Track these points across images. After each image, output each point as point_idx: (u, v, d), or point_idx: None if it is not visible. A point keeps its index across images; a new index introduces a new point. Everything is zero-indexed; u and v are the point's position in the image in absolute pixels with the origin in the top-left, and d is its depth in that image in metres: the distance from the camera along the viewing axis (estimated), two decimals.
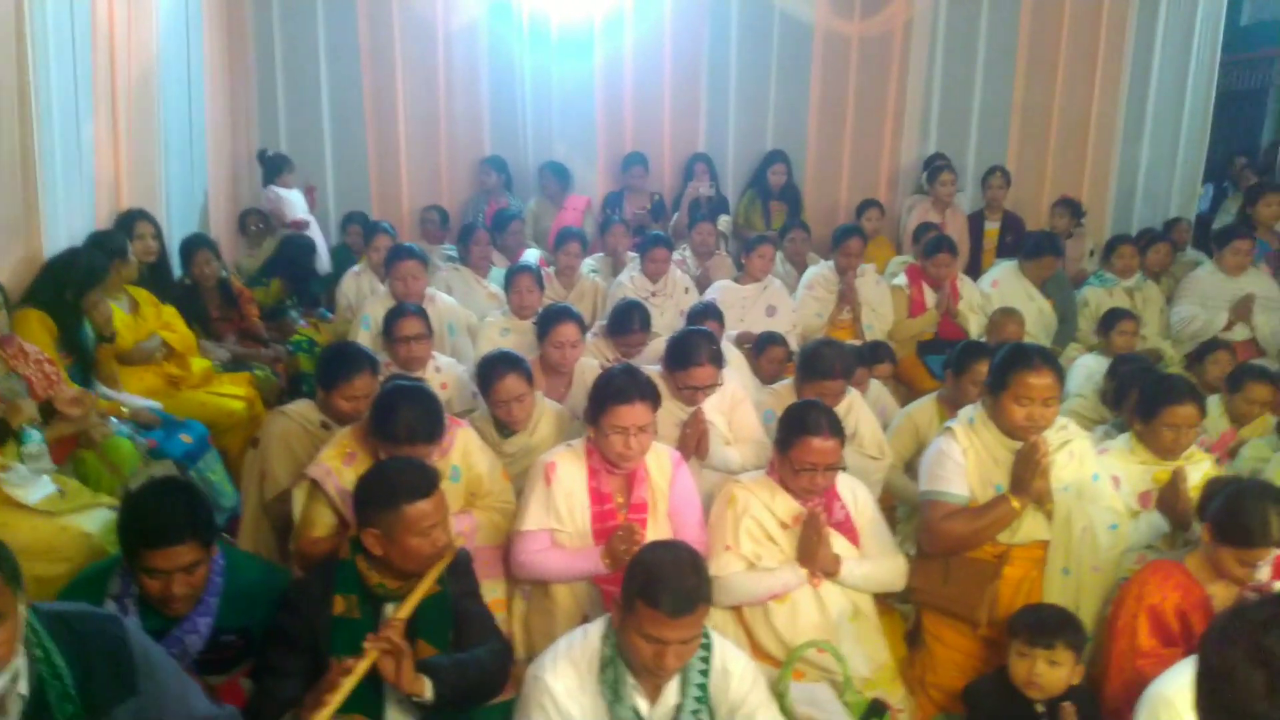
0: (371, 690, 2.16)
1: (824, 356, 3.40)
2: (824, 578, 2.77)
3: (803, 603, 2.77)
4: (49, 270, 3.80)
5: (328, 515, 2.78)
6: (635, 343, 4.12)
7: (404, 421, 2.66)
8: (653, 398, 2.75)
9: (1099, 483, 2.89)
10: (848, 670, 2.59)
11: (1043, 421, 2.72)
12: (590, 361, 3.96)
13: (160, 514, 2.13)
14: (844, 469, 2.78)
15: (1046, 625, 2.48)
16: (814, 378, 3.38)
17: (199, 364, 4.43)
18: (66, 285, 3.73)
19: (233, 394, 4.37)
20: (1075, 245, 6.45)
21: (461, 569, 2.47)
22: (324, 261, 6.09)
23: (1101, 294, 5.40)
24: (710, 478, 3.12)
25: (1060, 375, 2.80)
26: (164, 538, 2.12)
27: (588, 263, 5.60)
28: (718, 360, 3.25)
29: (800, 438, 2.69)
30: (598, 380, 2.79)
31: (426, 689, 2.16)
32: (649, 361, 3.63)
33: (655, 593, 1.89)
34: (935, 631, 2.97)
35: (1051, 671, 2.43)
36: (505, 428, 3.24)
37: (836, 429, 2.72)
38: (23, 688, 1.67)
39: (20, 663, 1.65)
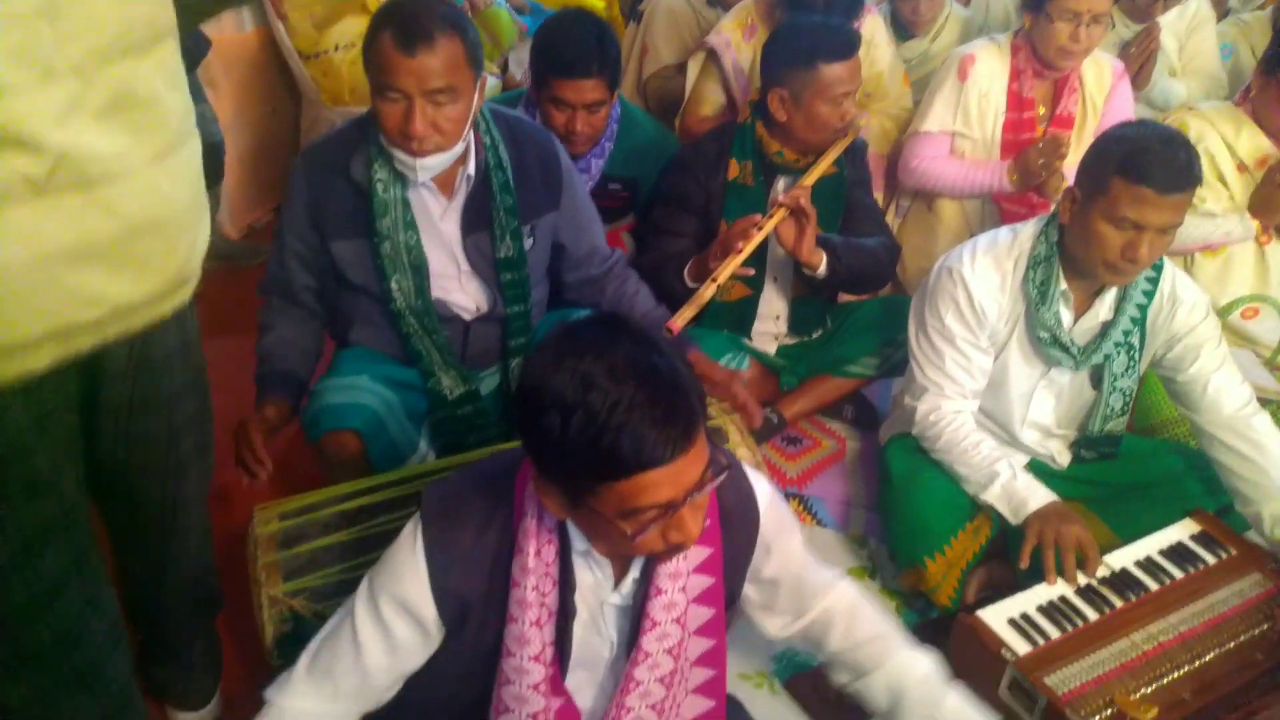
0: (754, 262, 2.09)
1: None
2: (1277, 235, 2.32)
3: (1239, 259, 2.37)
4: None
5: (718, 93, 2.64)
6: None
7: None
8: None
9: None
10: None
11: None
12: None
13: (575, 44, 2.05)
14: None
15: None
16: None
17: None
18: None
19: None
20: None
21: (858, 156, 2.28)
22: None
23: None
24: (1141, 113, 2.63)
25: None
26: (574, 69, 2.05)
27: None
28: None
29: None
30: None
31: (822, 261, 2.06)
32: None
33: (1143, 165, 1.58)
34: None
35: None
36: (904, 29, 2.86)
37: None
38: (470, 169, 1.70)
39: (472, 144, 1.68)
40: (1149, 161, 1.58)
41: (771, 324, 2.31)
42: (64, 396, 1.09)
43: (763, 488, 1.27)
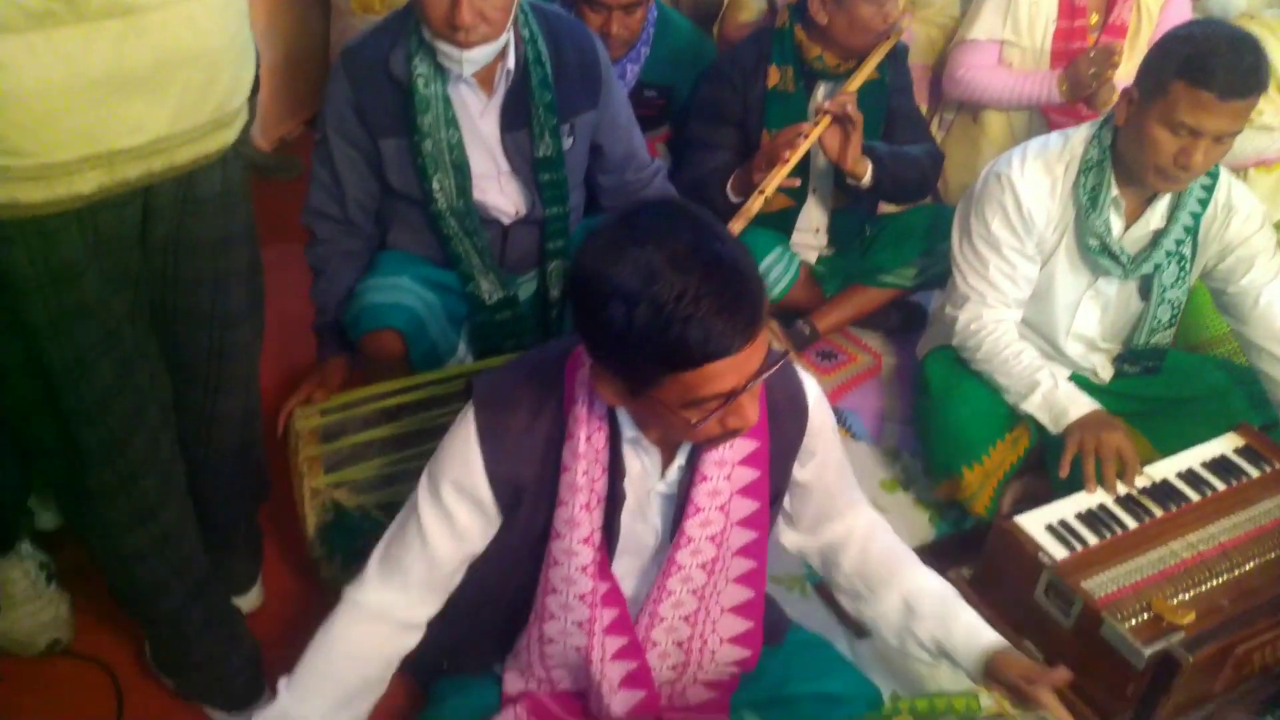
0: (795, 173, 2.04)
1: None
2: None
3: None
4: None
5: None
6: None
7: None
8: None
9: None
10: None
11: None
12: None
13: None
14: None
15: None
16: None
17: None
18: None
19: None
20: None
21: (899, 61, 2.21)
22: None
23: None
24: None
25: None
26: None
27: None
28: None
29: None
30: None
31: (868, 170, 2.02)
32: None
33: (1206, 67, 1.51)
34: None
35: None
36: None
37: None
38: (510, 63, 1.67)
39: (511, 39, 1.64)
40: (1213, 64, 1.52)
41: (811, 236, 2.28)
42: (123, 229, 1.13)
43: (811, 386, 1.26)
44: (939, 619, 1.30)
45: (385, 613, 1.17)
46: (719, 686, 1.35)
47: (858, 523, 1.38)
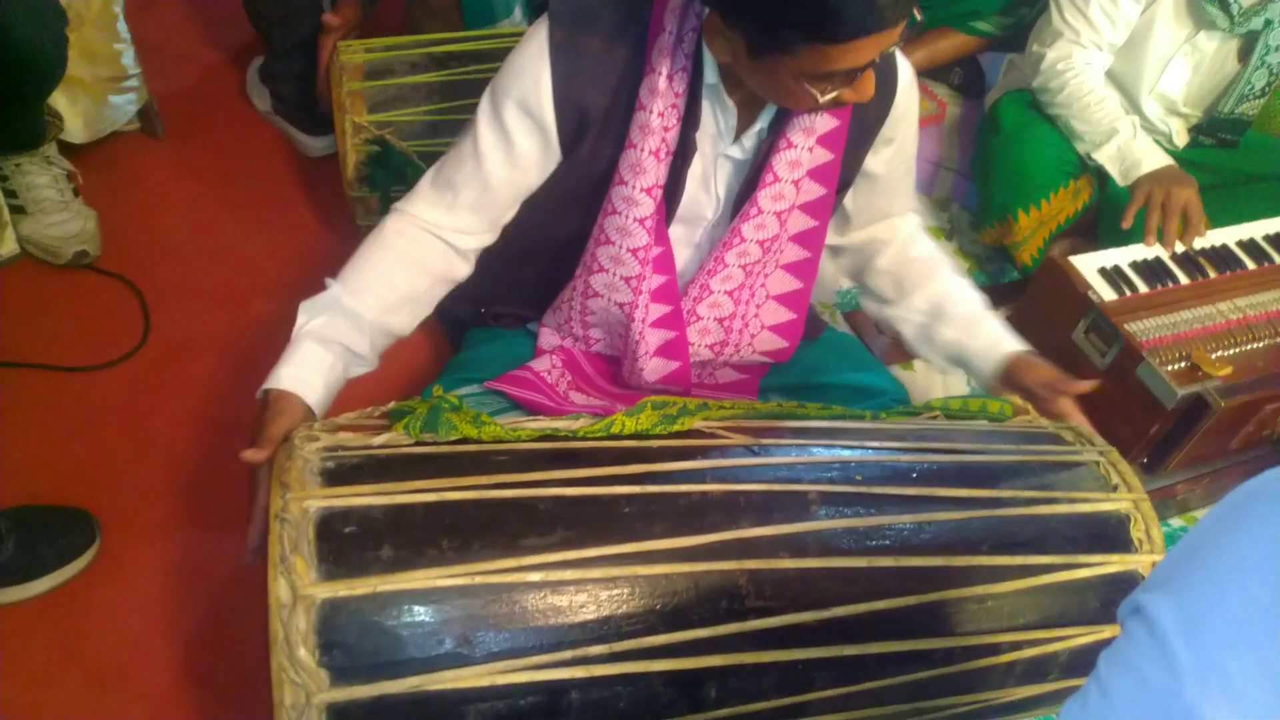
0: None
1: None
2: None
3: None
4: None
5: None
6: None
7: None
8: None
9: None
10: None
11: None
12: None
13: None
14: None
15: None
16: None
17: None
18: None
19: None
20: None
21: None
22: None
23: None
24: None
25: None
26: None
27: None
28: None
29: None
30: None
31: None
32: None
33: None
34: None
35: None
36: None
37: None
38: None
39: None
40: None
41: None
42: None
43: (905, 67, 1.17)
44: (966, 322, 1.27)
45: (433, 229, 1.12)
46: (750, 371, 1.35)
47: (905, 225, 1.33)
